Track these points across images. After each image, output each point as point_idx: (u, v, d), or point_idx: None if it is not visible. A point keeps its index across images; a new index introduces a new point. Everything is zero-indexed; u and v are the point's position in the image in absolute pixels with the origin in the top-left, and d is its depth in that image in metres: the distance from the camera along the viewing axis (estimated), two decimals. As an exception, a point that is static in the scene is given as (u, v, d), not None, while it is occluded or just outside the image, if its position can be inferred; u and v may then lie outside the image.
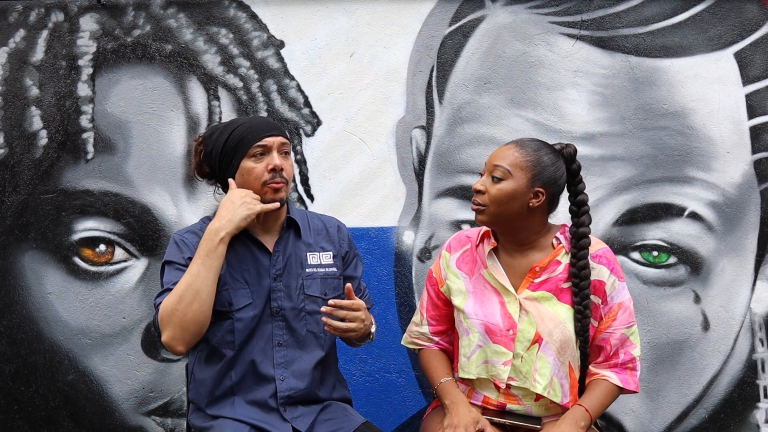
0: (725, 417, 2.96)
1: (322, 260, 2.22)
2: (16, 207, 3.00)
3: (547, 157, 2.10)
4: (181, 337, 2.01)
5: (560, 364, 2.12)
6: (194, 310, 1.99)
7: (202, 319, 2.01)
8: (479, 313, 2.16)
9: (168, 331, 2.01)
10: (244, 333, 2.11)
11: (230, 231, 2.04)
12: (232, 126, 2.14)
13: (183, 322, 1.99)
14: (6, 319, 3.02)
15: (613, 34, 2.90)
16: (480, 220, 2.12)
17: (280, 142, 2.13)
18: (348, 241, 2.31)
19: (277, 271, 2.16)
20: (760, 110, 2.89)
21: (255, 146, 2.10)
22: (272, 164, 2.10)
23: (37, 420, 3.04)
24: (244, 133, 2.11)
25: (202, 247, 2.03)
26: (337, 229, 2.31)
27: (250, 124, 2.14)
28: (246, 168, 2.11)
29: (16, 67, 2.98)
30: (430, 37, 2.94)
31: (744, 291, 2.93)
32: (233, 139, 2.11)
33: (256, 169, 2.10)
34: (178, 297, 1.99)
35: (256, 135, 2.11)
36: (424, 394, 2.97)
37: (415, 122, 2.96)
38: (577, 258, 2.11)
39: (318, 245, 2.24)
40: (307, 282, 2.18)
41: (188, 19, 2.96)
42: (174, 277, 2.08)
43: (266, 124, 2.15)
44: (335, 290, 2.22)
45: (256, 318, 2.12)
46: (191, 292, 1.99)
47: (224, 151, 2.12)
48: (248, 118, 2.22)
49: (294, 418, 2.10)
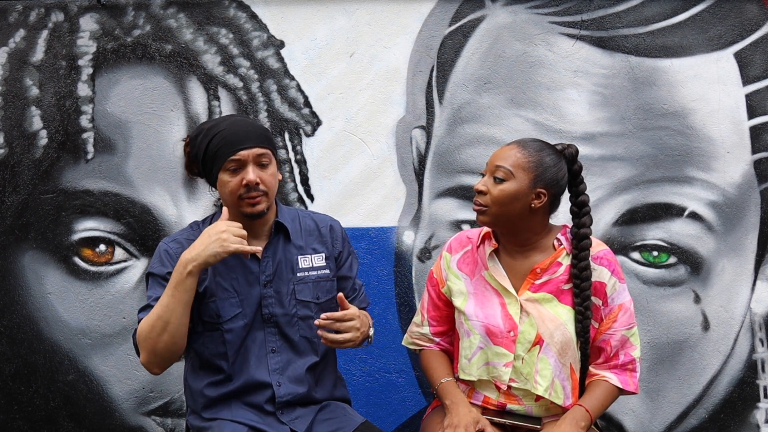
0: (725, 417, 2.96)
1: (314, 262, 2.19)
2: (16, 207, 3.00)
3: (549, 158, 2.09)
4: (155, 362, 2.03)
5: (561, 366, 2.12)
6: (165, 340, 1.98)
7: (174, 349, 2.01)
8: (480, 314, 2.16)
9: (143, 354, 2.03)
10: (236, 343, 2.09)
11: (198, 264, 1.96)
12: (212, 132, 2.07)
13: (155, 350, 1.99)
14: (6, 319, 3.02)
15: (613, 34, 2.90)
16: (481, 220, 2.12)
17: (255, 154, 2.05)
18: (342, 240, 2.26)
19: (266, 277, 2.12)
20: (760, 110, 2.89)
21: (229, 160, 2.03)
22: (246, 179, 2.03)
23: (37, 420, 3.04)
24: (220, 144, 2.04)
25: (173, 278, 1.98)
26: (330, 228, 2.25)
27: (226, 135, 2.05)
28: (222, 181, 2.07)
29: (16, 67, 2.98)
30: (430, 37, 2.94)
31: (744, 291, 2.93)
32: (211, 149, 2.05)
33: (230, 183, 2.05)
34: (150, 326, 1.98)
35: (230, 148, 2.03)
36: (424, 394, 2.97)
37: (415, 122, 2.96)
38: (578, 259, 2.11)
39: (309, 247, 2.20)
40: (298, 287, 2.15)
41: (188, 19, 2.96)
42: (155, 292, 2.06)
43: (242, 135, 2.06)
44: (328, 293, 2.19)
45: (247, 327, 2.10)
46: (161, 323, 1.97)
47: (205, 160, 2.08)
48: (228, 123, 2.10)
49: (291, 420, 2.09)
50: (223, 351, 2.09)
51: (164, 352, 2.00)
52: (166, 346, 1.99)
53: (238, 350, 2.10)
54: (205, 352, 2.11)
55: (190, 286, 1.98)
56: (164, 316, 1.97)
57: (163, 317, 1.97)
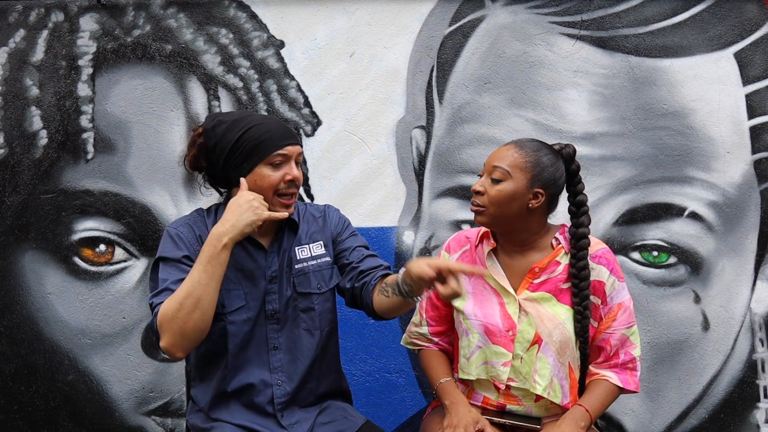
0: (725, 417, 2.96)
1: (313, 251, 2.16)
2: (16, 207, 3.00)
3: (546, 158, 2.09)
4: (180, 345, 1.93)
5: (560, 365, 2.12)
6: (195, 318, 1.90)
7: (204, 327, 1.93)
8: (479, 314, 2.16)
9: (167, 337, 1.92)
10: (238, 337, 2.07)
11: (234, 236, 1.93)
12: (244, 124, 2.01)
13: (183, 330, 1.90)
14: (6, 319, 3.02)
15: (613, 34, 2.90)
16: (479, 221, 2.12)
17: (298, 151, 2.04)
18: (338, 222, 2.22)
19: (272, 272, 2.10)
20: (760, 110, 2.89)
21: (276, 154, 2.00)
22: (291, 175, 2.02)
23: (37, 420, 3.05)
24: (262, 136, 1.99)
25: (205, 252, 1.93)
26: (324, 215, 2.22)
27: (269, 128, 2.01)
28: (261, 174, 2.01)
29: (16, 67, 2.98)
30: (430, 37, 2.94)
31: (744, 291, 2.93)
32: (248, 140, 1.99)
33: (272, 177, 2.01)
34: (178, 304, 1.90)
35: (278, 142, 2.00)
36: (424, 394, 2.97)
37: (415, 122, 2.96)
38: (577, 258, 2.11)
39: (307, 236, 2.17)
40: (297, 279, 2.12)
41: (188, 19, 2.96)
42: (170, 275, 1.99)
43: (286, 131, 2.04)
44: (330, 281, 2.16)
45: (250, 321, 2.08)
46: (192, 300, 1.90)
47: (234, 151, 2.00)
48: (262, 119, 2.05)
49: (291, 424, 2.08)
50: (224, 343, 2.07)
51: (192, 332, 1.91)
52: (195, 325, 1.91)
53: (239, 345, 2.08)
54: (207, 343, 2.05)
55: (224, 259, 1.93)
56: (195, 292, 1.90)
57: (194, 294, 1.89)
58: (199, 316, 1.91)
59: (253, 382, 2.08)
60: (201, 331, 1.93)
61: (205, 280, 1.91)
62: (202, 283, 1.91)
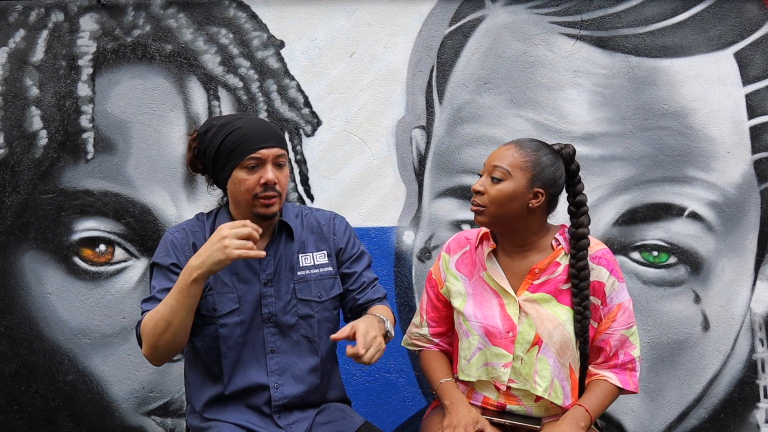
0: (725, 417, 2.96)
1: (316, 260, 2.16)
2: (16, 207, 3.00)
3: (546, 158, 2.09)
4: (156, 356, 2.02)
5: (560, 366, 2.12)
6: (166, 338, 1.97)
7: (175, 346, 2.00)
8: (479, 315, 2.16)
9: (145, 347, 2.02)
10: (231, 339, 2.08)
11: (203, 273, 1.92)
12: (228, 129, 2.03)
13: (157, 346, 1.99)
14: (6, 319, 3.02)
15: (613, 34, 2.90)
16: (479, 221, 2.12)
17: (275, 154, 2.03)
18: (344, 235, 2.22)
19: (267, 276, 2.11)
20: (760, 110, 2.89)
21: (248, 158, 2.00)
22: (265, 178, 2.01)
23: (37, 420, 3.05)
24: (238, 140, 2.00)
25: (179, 281, 1.96)
26: (332, 225, 2.22)
27: (246, 131, 2.01)
28: (238, 178, 2.02)
29: (16, 67, 2.98)
30: (430, 37, 2.94)
31: (744, 291, 2.93)
32: (227, 144, 2.01)
33: (247, 181, 2.01)
34: (153, 323, 1.97)
35: (251, 145, 2.00)
36: (424, 394, 2.97)
37: (415, 122, 2.96)
38: (577, 259, 2.10)
39: (312, 245, 2.17)
40: (299, 286, 2.13)
41: (188, 19, 2.96)
42: (159, 283, 2.07)
43: (263, 133, 2.03)
44: (331, 290, 2.17)
45: (244, 324, 2.08)
46: (164, 323, 1.96)
47: (217, 156, 2.03)
48: (246, 121, 2.06)
49: (288, 424, 2.08)
50: (217, 346, 2.08)
51: (165, 348, 2.00)
52: (167, 344, 1.98)
53: (234, 348, 2.08)
54: (201, 347, 2.10)
55: (195, 292, 1.96)
56: (167, 317, 1.95)
57: (166, 318, 1.95)
58: (170, 337, 1.98)
59: (249, 385, 2.09)
60: (173, 349, 2.01)
61: (176, 308, 1.96)
62: (173, 310, 1.96)
